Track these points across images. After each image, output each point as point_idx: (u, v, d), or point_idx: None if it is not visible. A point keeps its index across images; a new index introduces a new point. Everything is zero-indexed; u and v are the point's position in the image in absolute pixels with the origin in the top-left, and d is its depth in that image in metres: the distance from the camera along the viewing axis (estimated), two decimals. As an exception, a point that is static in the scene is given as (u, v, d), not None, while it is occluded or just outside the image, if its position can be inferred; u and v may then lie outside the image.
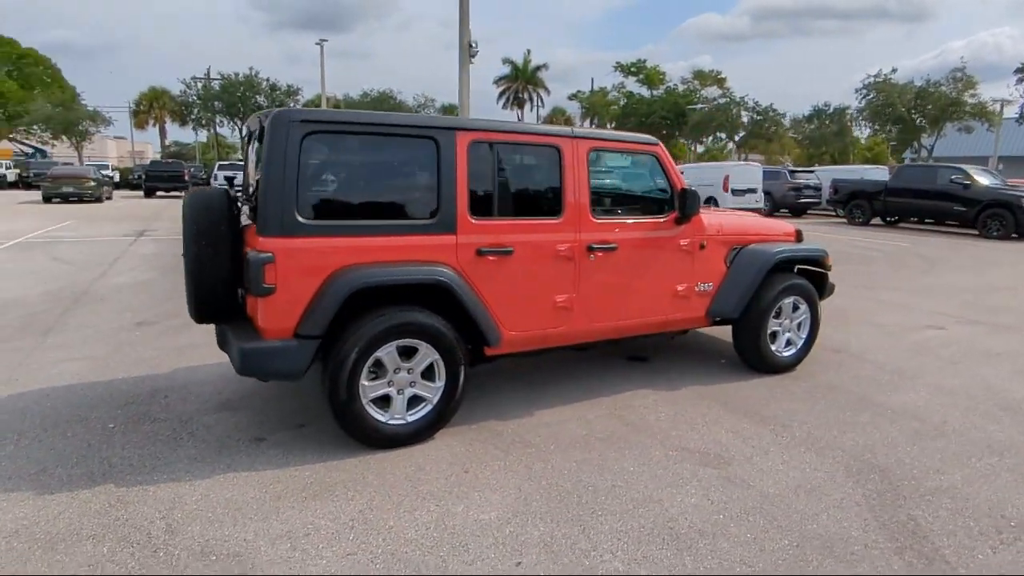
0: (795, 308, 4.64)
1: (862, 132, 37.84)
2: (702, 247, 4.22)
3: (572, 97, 47.97)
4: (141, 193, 28.41)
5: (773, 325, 4.56)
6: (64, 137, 41.02)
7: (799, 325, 4.70)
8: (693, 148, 41.20)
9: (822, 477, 3.10)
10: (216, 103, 40.54)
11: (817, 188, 20.03)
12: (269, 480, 2.95)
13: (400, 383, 3.29)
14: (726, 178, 18.00)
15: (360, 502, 2.78)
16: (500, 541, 2.52)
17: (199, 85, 40.47)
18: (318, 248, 3.04)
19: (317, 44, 27.54)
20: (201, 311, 3.39)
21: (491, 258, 3.44)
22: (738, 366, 4.69)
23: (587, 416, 3.78)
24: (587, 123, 47.58)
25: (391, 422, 3.27)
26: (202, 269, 3.23)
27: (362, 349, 3.10)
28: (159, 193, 27.81)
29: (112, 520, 2.61)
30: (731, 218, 4.63)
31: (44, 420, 3.59)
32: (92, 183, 22.93)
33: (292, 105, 42.78)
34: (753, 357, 4.54)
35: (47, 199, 22.63)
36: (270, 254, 2.94)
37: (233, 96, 39.56)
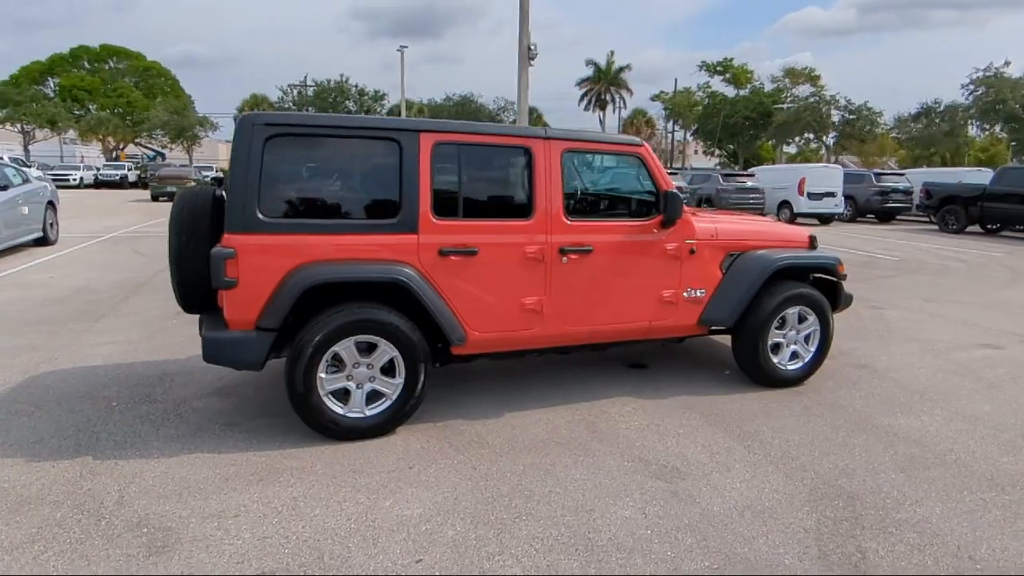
0: (801, 319, 4.35)
1: (976, 132, 34.70)
2: (692, 252, 4.05)
3: (655, 98, 47.05)
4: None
5: (775, 336, 4.30)
6: (179, 141, 45.01)
7: (807, 338, 4.41)
8: (780, 150, 39.21)
9: (778, 499, 2.90)
10: (309, 108, 42.98)
11: (907, 192, 18.54)
12: (225, 463, 3.13)
13: (359, 378, 3.39)
14: (801, 181, 17.03)
15: (298, 489, 2.90)
16: (411, 537, 2.55)
17: (294, 92, 43.05)
18: (278, 245, 3.19)
19: (398, 51, 28.58)
20: (186, 302, 3.64)
21: (454, 258, 3.48)
22: (742, 378, 4.46)
23: (556, 421, 3.73)
24: (669, 124, 46.44)
25: (350, 415, 3.38)
26: (182, 262, 3.48)
27: (318, 343, 3.23)
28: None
29: (76, 489, 2.86)
30: (730, 222, 4.41)
31: (61, 396, 3.98)
32: (192, 183, 24.97)
33: (379, 110, 44.70)
34: (753, 369, 4.30)
35: (154, 197, 24.98)
36: (232, 250, 3.12)
37: (325, 101, 41.82)
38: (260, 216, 3.16)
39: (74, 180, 34.34)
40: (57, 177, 28.68)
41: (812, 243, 4.52)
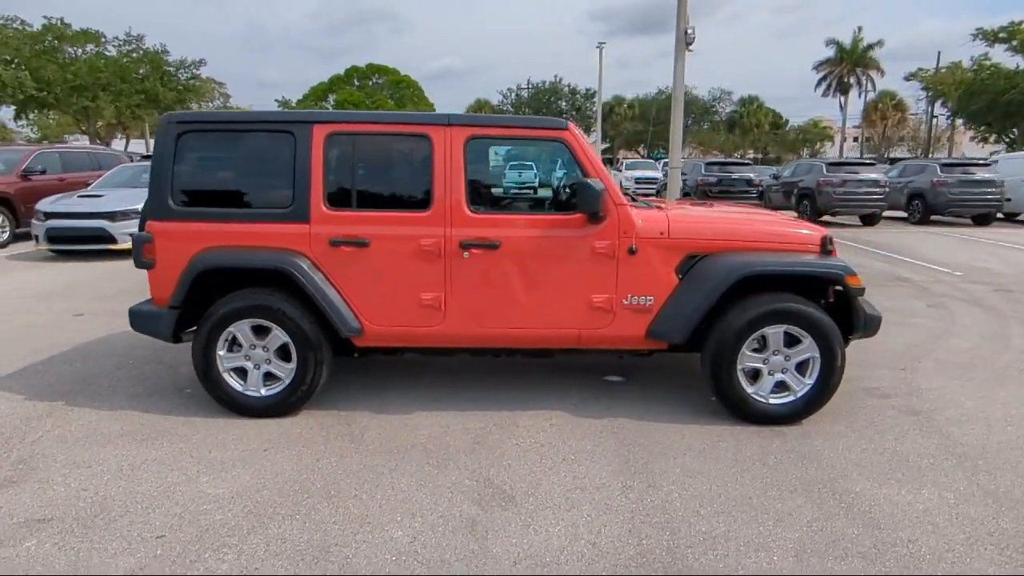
0: (791, 342, 3.42)
1: None
2: (632, 252, 3.44)
3: (910, 77, 39.61)
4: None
5: (752, 360, 3.45)
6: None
7: (801, 366, 3.45)
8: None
9: (580, 555, 2.36)
10: (526, 109, 45.25)
11: None
12: (126, 420, 3.54)
13: (256, 359, 3.57)
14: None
15: (151, 452, 3.17)
16: (182, 514, 2.63)
17: (512, 94, 45.67)
18: (186, 231, 3.51)
19: (597, 47, 28.33)
20: None
21: (346, 249, 3.45)
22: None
23: (454, 426, 3.49)
24: (929, 106, 38.87)
25: (246, 393, 3.58)
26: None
27: (214, 323, 3.48)
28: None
29: (25, 421, 3.51)
30: (697, 216, 3.62)
31: (122, 353, 4.84)
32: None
33: (590, 108, 45.15)
34: (722, 397, 3.50)
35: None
36: (149, 235, 3.53)
37: (539, 102, 43.63)
38: (171, 205, 3.51)
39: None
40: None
41: (824, 246, 3.50)
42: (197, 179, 3.58)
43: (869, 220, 14.00)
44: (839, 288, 3.45)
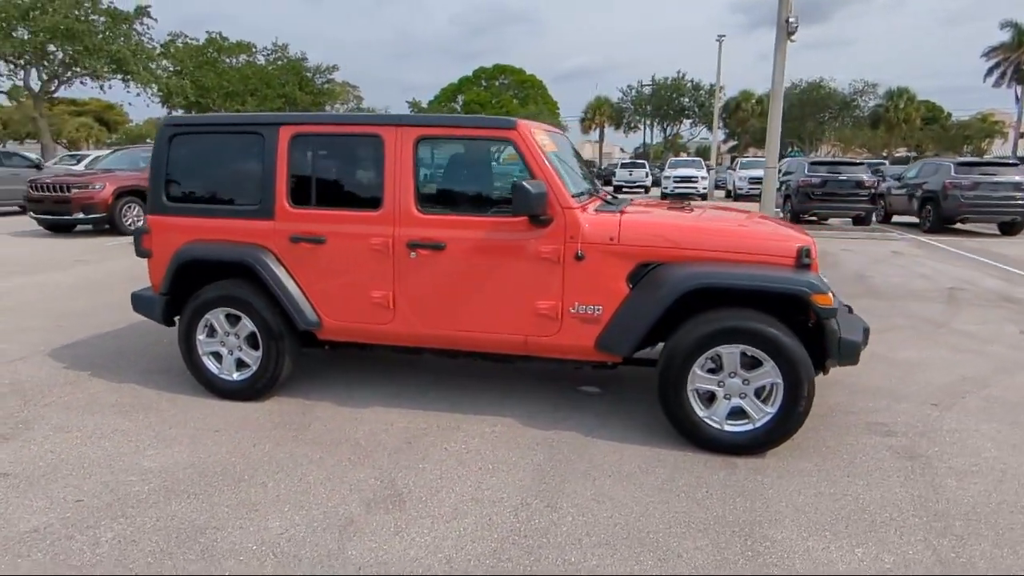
0: (751, 365, 3.05)
1: None
2: (579, 257, 3.24)
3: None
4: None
5: (705, 381, 3.13)
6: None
7: (761, 392, 3.07)
8: None
9: (434, 561, 2.28)
10: (647, 107, 44.01)
11: None
12: (124, 393, 3.92)
13: (230, 345, 3.82)
14: None
15: (124, 423, 3.48)
16: (109, 482, 2.87)
17: (632, 91, 44.59)
18: (174, 225, 3.82)
19: (716, 40, 26.82)
20: None
21: (304, 245, 3.59)
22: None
23: (397, 424, 3.50)
24: None
25: (221, 376, 3.84)
26: None
27: (194, 310, 3.77)
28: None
29: (49, 387, 4.02)
30: (652, 222, 3.30)
31: (161, 332, 5.40)
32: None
33: (713, 104, 42.86)
34: (674, 420, 3.21)
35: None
36: (147, 227, 3.89)
37: (660, 99, 42.23)
38: (165, 201, 3.85)
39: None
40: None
41: (799, 258, 3.08)
42: (184, 177, 3.88)
43: (1008, 229, 12.05)
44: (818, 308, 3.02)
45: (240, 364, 3.83)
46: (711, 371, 3.13)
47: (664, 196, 24.32)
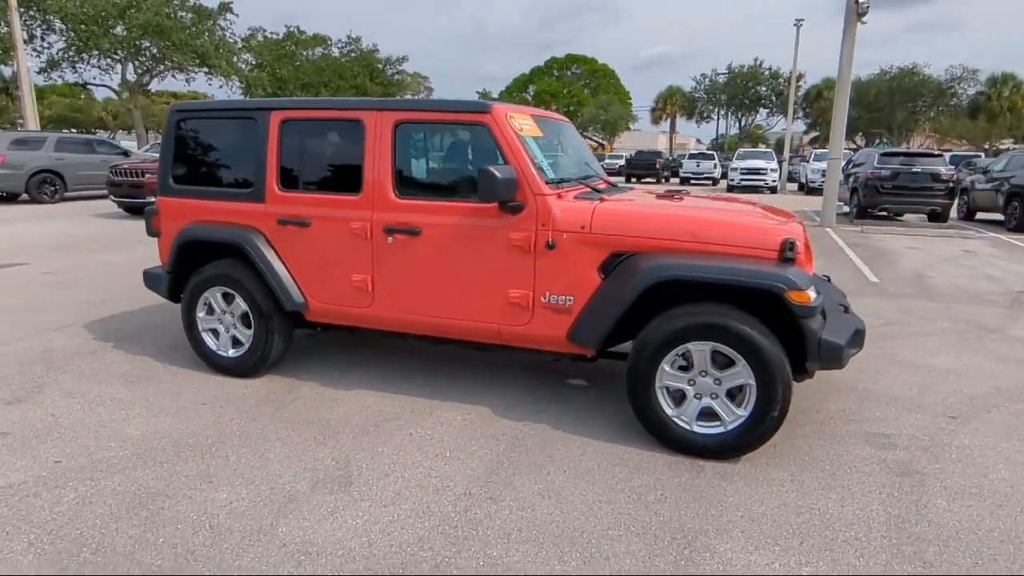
0: (724, 365, 2.86)
1: None
2: (550, 246, 3.14)
3: None
4: (622, 179, 32.71)
5: (674, 379, 2.96)
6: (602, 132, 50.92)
7: (732, 394, 2.87)
8: None
9: (356, 544, 2.28)
10: (721, 96, 42.35)
11: None
12: (135, 364, 4.15)
13: (226, 323, 3.96)
14: None
15: (123, 392, 3.68)
16: (90, 447, 3.05)
17: (706, 80, 42.99)
18: (179, 206, 3.99)
19: (795, 25, 25.30)
20: None
21: (291, 227, 3.66)
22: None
23: (370, 406, 3.52)
24: None
25: (219, 352, 3.99)
26: None
27: (194, 288, 3.93)
28: (633, 179, 31.46)
29: (72, 356, 4.31)
30: (627, 210, 3.12)
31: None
32: (576, 170, 28.19)
33: (791, 93, 40.62)
34: (643, 418, 3.06)
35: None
36: (156, 208, 4.09)
37: (736, 87, 40.51)
38: (171, 183, 4.03)
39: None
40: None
41: (783, 251, 2.84)
42: (189, 160, 4.04)
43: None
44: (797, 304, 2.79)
45: (235, 342, 3.97)
46: (682, 368, 2.96)
47: (730, 189, 23.39)
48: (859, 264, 8.18)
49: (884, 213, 13.22)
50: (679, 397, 3.00)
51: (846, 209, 13.67)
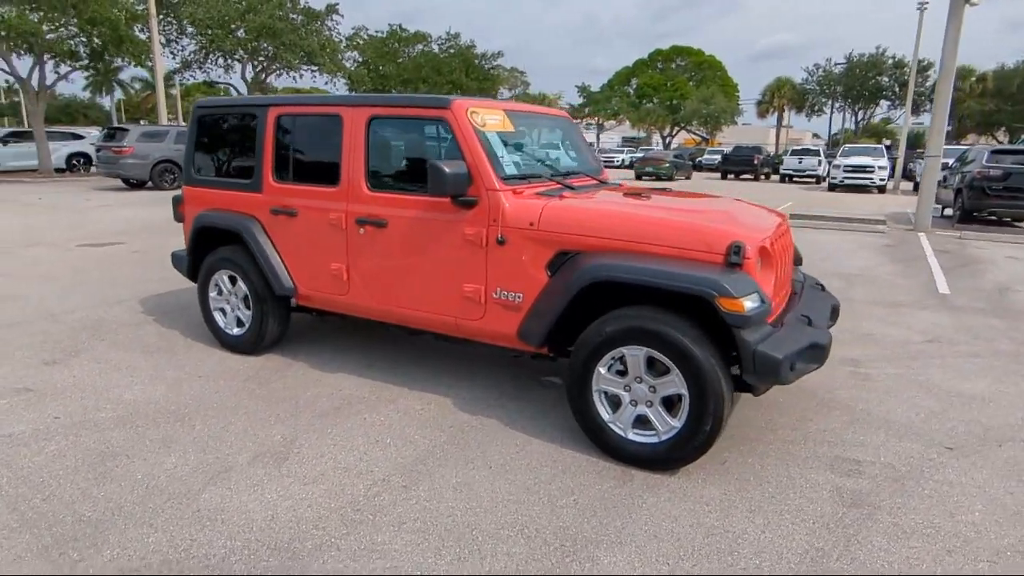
0: (660, 372, 2.72)
1: None
2: (500, 242, 3.12)
3: None
4: (717, 175, 31.29)
5: (610, 384, 2.86)
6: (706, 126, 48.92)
7: (668, 402, 2.73)
8: None
9: (261, 519, 2.42)
10: (837, 87, 39.26)
11: None
12: (164, 337, 4.57)
13: (232, 304, 4.28)
14: None
15: (139, 361, 4.07)
16: (87, 406, 3.42)
17: (819, 71, 39.98)
18: (198, 195, 4.35)
19: (918, 8, 22.79)
20: None
21: (282, 217, 3.89)
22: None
23: (344, 389, 3.68)
24: None
25: (226, 330, 4.32)
26: None
27: (206, 270, 4.29)
28: (730, 176, 30.00)
29: (117, 327, 4.83)
30: (574, 207, 3.00)
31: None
32: (667, 165, 27.33)
33: (922, 83, 36.93)
34: (581, 421, 2.98)
35: (638, 176, 28.46)
36: (181, 196, 4.48)
37: (853, 78, 37.37)
38: (193, 173, 4.40)
39: (617, 161, 41.91)
40: (606, 158, 36.96)
41: (728, 255, 2.64)
42: (207, 152, 4.39)
43: None
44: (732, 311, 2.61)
45: (239, 321, 4.28)
46: (619, 373, 2.86)
47: (832, 187, 21.71)
48: (936, 273, 7.37)
49: (993, 217, 11.74)
50: (616, 402, 2.90)
51: (949, 212, 12.30)
